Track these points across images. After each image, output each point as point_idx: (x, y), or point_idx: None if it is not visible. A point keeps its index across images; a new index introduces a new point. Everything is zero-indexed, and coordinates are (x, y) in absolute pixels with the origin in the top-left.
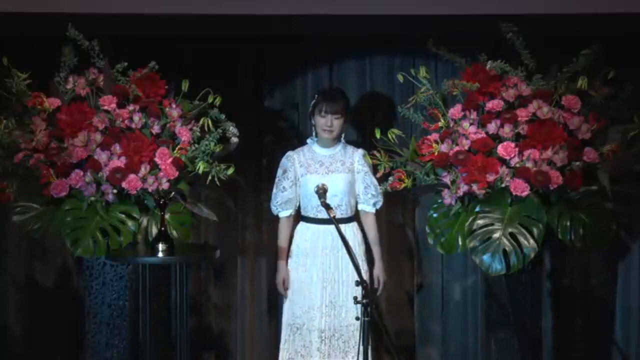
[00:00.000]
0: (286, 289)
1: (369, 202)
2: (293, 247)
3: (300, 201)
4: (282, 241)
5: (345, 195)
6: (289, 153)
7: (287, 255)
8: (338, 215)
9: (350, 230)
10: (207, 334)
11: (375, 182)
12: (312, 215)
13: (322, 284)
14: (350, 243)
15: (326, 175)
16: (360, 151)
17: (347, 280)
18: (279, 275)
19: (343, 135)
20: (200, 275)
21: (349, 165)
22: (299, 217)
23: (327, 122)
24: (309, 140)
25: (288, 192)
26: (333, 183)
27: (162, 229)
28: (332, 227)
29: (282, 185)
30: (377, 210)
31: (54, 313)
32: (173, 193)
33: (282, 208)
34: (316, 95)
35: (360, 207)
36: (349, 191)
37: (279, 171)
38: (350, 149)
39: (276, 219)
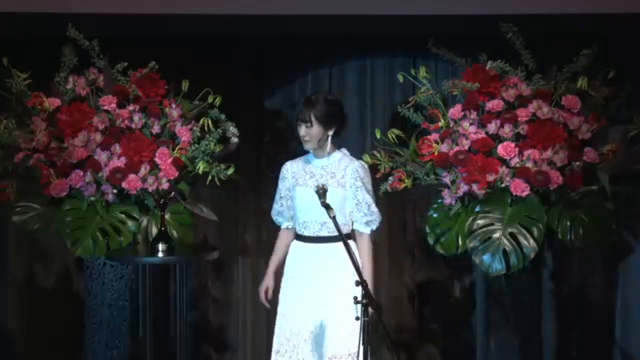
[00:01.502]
0: (268, 299)
1: (361, 221)
2: (285, 266)
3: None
4: (275, 251)
5: (323, 214)
6: (286, 163)
7: (276, 268)
8: (326, 234)
9: (341, 250)
10: (206, 328)
11: (369, 200)
12: (299, 232)
13: (311, 309)
14: (340, 265)
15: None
16: (357, 163)
17: (342, 306)
18: (263, 284)
19: (327, 143)
20: (200, 271)
21: (340, 179)
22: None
23: (300, 131)
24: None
25: (278, 205)
26: (315, 199)
27: (162, 229)
28: (324, 245)
29: (276, 197)
30: (372, 231)
31: (54, 313)
32: (173, 193)
33: (277, 219)
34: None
35: (354, 226)
36: (338, 207)
37: (278, 181)
38: (346, 160)
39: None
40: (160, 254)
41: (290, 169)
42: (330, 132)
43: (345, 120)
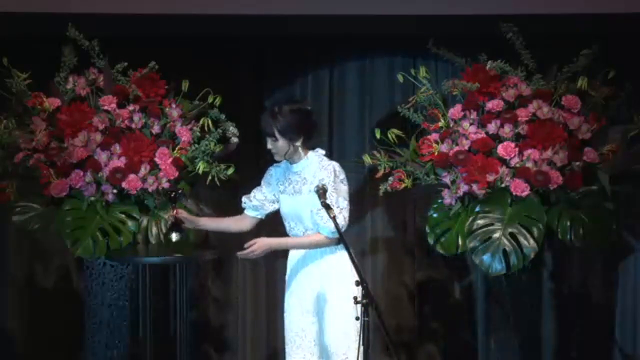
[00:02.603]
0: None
1: (317, 225)
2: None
3: None
4: (222, 219)
5: (308, 220)
6: (270, 168)
7: (210, 222)
8: None
9: (326, 261)
10: (206, 328)
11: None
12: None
13: (301, 315)
14: (328, 273)
15: (292, 197)
16: (318, 166)
17: (340, 315)
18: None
19: (298, 153)
20: (200, 271)
21: (310, 186)
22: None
23: (267, 144)
24: None
25: (252, 194)
26: (295, 206)
27: (174, 220)
28: (308, 252)
29: (256, 188)
30: (333, 234)
31: (54, 313)
32: (181, 190)
33: (244, 201)
34: None
35: None
36: (312, 216)
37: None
38: (317, 164)
39: (274, 216)
40: (174, 239)
41: (275, 175)
42: (298, 144)
43: (315, 127)
